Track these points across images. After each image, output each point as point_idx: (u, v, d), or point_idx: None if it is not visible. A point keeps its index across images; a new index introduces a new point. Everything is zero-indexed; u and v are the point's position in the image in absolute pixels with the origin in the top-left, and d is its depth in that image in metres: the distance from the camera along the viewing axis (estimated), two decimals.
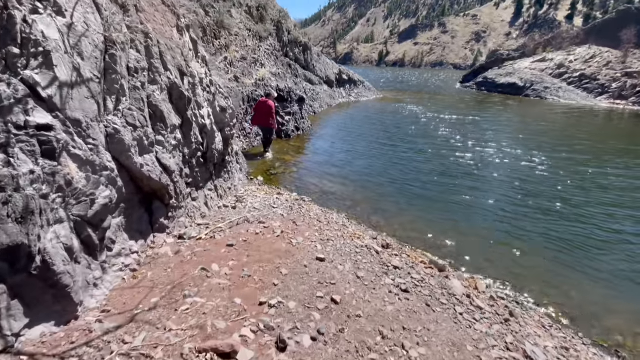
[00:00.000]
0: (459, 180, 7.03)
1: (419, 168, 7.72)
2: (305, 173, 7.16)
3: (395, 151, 9.03)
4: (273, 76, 11.51)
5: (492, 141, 10.84)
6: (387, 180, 6.91)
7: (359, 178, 6.94)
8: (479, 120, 14.73)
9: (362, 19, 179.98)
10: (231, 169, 5.50)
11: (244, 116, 9.12)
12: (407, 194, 6.23)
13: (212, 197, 4.58)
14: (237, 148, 7.00)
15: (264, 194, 5.50)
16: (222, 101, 4.72)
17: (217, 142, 4.56)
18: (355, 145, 9.74)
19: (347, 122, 13.38)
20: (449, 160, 8.35)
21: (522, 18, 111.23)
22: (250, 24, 12.37)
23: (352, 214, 5.34)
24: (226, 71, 9.31)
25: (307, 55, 17.92)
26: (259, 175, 6.68)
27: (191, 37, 4.24)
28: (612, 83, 24.54)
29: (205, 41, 8.91)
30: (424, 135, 11.16)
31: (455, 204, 5.91)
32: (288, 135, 10.30)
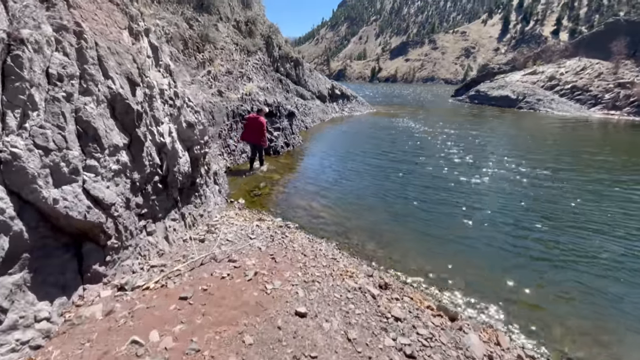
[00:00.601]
0: (461, 201, 6.37)
1: (416, 188, 7.07)
2: (293, 193, 6.47)
3: (391, 169, 8.40)
4: (261, 90, 11.01)
5: (492, 156, 10.31)
6: (381, 201, 6.24)
7: (352, 199, 6.26)
8: (477, 134, 14.30)
9: (355, 37, 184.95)
10: (204, 192, 4.79)
11: (228, 132, 8.50)
12: (404, 218, 5.54)
13: (176, 229, 3.85)
14: (216, 167, 6.33)
15: (243, 221, 4.77)
16: (189, 116, 4.08)
17: (183, 163, 3.88)
18: (348, 162, 9.11)
19: (339, 137, 12.85)
20: (447, 179, 7.72)
21: (509, 34, 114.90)
22: (238, 38, 11.99)
23: (344, 242, 4.62)
24: (209, 85, 8.76)
25: (298, 70, 17.63)
26: (241, 197, 5.98)
27: (151, 42, 3.63)
28: (605, 94, 24.61)
29: (186, 54, 8.40)
30: (420, 151, 10.59)
31: (458, 229, 5.22)
32: (277, 151, 9.68)
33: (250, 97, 9.87)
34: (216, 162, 7.04)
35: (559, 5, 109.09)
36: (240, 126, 9.08)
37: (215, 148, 7.80)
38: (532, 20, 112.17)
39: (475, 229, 5.18)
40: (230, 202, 5.78)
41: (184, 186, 4.20)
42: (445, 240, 4.80)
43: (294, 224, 4.93)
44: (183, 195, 4.22)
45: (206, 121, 5.39)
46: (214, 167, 6.20)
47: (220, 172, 6.74)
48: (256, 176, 7.45)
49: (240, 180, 7.11)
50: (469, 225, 5.30)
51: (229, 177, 7.35)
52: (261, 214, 5.31)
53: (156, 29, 7.69)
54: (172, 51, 7.70)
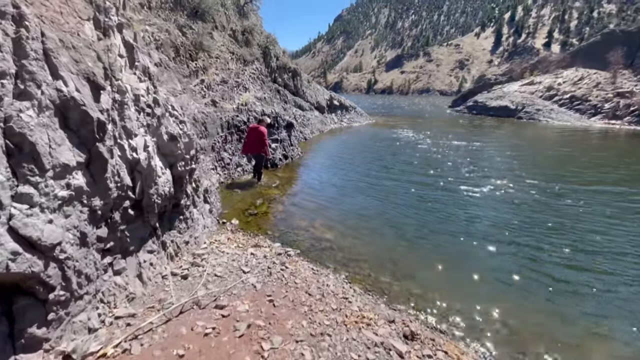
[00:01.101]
0: (477, 221, 5.74)
1: (425, 205, 6.44)
2: (293, 212, 5.81)
3: (396, 184, 7.76)
4: (258, 101, 10.48)
5: (502, 169, 9.77)
6: (389, 221, 5.59)
7: (357, 219, 5.61)
8: (482, 145, 13.82)
9: (350, 50, 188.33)
10: (191, 214, 4.13)
11: (222, 144, 7.89)
12: (417, 241, 4.89)
13: (154, 263, 3.17)
14: (207, 184, 5.68)
15: (235, 248, 4.09)
16: (172, 126, 3.46)
17: (163, 182, 3.23)
18: (350, 176, 8.50)
19: (340, 149, 12.29)
20: (459, 194, 7.10)
21: (502, 46, 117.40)
22: (234, 47, 11.56)
23: (354, 272, 3.94)
24: (202, 94, 8.21)
25: (296, 81, 17.26)
26: (234, 218, 5.31)
27: (125, 40, 3.05)
28: (605, 103, 24.50)
29: (178, 62, 7.87)
30: (425, 164, 10.01)
31: (480, 254, 4.57)
32: (275, 164, 9.07)
33: (246, 108, 9.33)
34: (208, 177, 6.40)
35: (550, 18, 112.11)
36: (236, 138, 8.50)
37: (208, 162, 7.18)
38: (523, 33, 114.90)
39: (501, 256, 4.53)
40: (223, 223, 5.11)
41: (165, 209, 3.54)
42: (468, 269, 4.14)
43: (294, 250, 4.25)
44: (164, 221, 3.56)
45: (194, 133, 4.78)
46: (205, 184, 5.56)
47: (212, 188, 6.09)
48: (252, 192, 6.80)
49: (236, 197, 6.45)
50: (491, 251, 4.65)
51: (224, 192, 6.71)
52: (257, 237, 4.63)
53: (145, 35, 7.19)
54: (161, 58, 7.17)
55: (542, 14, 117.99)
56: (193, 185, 4.43)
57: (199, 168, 5.43)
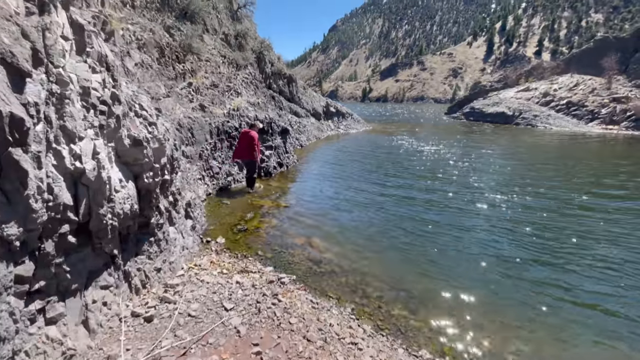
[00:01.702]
0: (494, 238, 5.13)
1: (431, 219, 5.81)
2: (287, 227, 5.14)
3: (397, 196, 7.06)
4: (251, 106, 9.89)
5: (509, 177, 9.24)
6: (395, 239, 4.95)
7: (359, 235, 4.95)
8: (484, 154, 13.34)
9: (345, 60, 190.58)
10: (166, 235, 3.45)
11: (211, 152, 7.24)
12: (428, 262, 4.24)
13: (109, 302, 2.48)
14: (191, 196, 5.01)
15: (219, 274, 3.41)
16: (137, 129, 2.81)
17: (122, 198, 2.57)
18: (349, 185, 7.87)
19: (337, 156, 11.70)
20: (465, 210, 6.44)
21: (494, 55, 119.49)
22: (226, 51, 11.03)
23: (361, 303, 3.26)
24: (190, 98, 7.59)
25: (292, 87, 16.79)
26: (220, 235, 4.62)
27: (73, 19, 2.42)
28: (601, 109, 24.40)
29: (162, 63, 7.27)
30: (426, 174, 9.36)
31: (503, 281, 3.94)
32: (269, 173, 8.42)
33: (238, 113, 8.72)
34: (193, 188, 5.73)
35: (540, 27, 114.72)
36: (227, 145, 7.86)
37: (194, 171, 6.51)
38: (515, 42, 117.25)
39: (528, 284, 3.90)
40: (207, 242, 4.42)
41: (129, 231, 2.86)
42: (492, 297, 3.50)
43: (289, 275, 3.57)
44: (128, 245, 2.87)
45: (174, 138, 4.14)
46: (188, 196, 4.89)
47: (197, 201, 5.41)
48: (243, 204, 6.13)
49: (224, 210, 5.77)
50: (517, 280, 4.02)
51: (212, 204, 6.03)
52: (246, 259, 3.94)
53: (125, 33, 6.60)
54: (143, 58, 6.56)
55: (532, 24, 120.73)
56: (170, 199, 3.76)
57: (180, 178, 4.77)
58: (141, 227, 3.10)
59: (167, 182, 3.39)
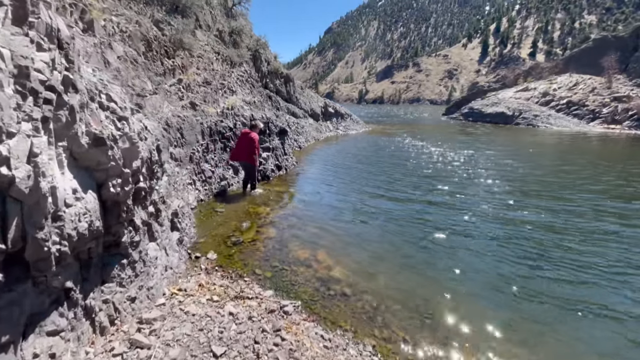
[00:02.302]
0: (517, 255, 4.58)
1: (445, 230, 5.27)
2: (289, 239, 4.54)
3: (405, 202, 6.42)
4: (246, 105, 9.30)
5: (527, 182, 8.73)
6: (410, 251, 4.39)
7: (370, 247, 4.37)
8: (489, 155, 12.85)
9: (341, 62, 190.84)
10: (144, 254, 2.84)
11: (202, 154, 6.63)
12: (452, 279, 3.68)
13: (59, 351, 1.86)
14: (179, 204, 4.41)
15: (208, 302, 2.80)
16: (101, 124, 2.21)
17: (76, 214, 1.96)
18: (352, 189, 7.30)
19: (338, 158, 11.12)
20: (484, 216, 5.89)
21: (489, 56, 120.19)
22: (220, 47, 10.44)
23: (383, 336, 2.67)
24: (180, 96, 6.97)
25: (289, 87, 16.24)
26: (212, 250, 4.01)
27: None
28: (603, 108, 24.16)
29: (149, 57, 6.65)
30: (432, 177, 8.65)
31: (534, 294, 3.39)
32: (267, 176, 7.82)
33: (233, 112, 8.12)
34: (182, 195, 5.12)
35: (534, 29, 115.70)
36: (221, 146, 7.27)
37: (184, 175, 5.90)
38: (509, 44, 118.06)
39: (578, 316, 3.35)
40: (196, 258, 3.81)
41: (92, 254, 2.25)
42: (536, 325, 2.94)
43: (293, 302, 2.97)
44: (91, 271, 2.26)
45: (156, 138, 3.54)
46: (175, 205, 4.28)
47: (186, 210, 4.80)
48: (239, 211, 5.52)
49: (217, 219, 5.15)
50: (558, 303, 3.47)
51: (204, 212, 5.41)
52: (241, 280, 3.34)
53: (107, 24, 5.99)
54: (127, 51, 5.95)
55: (526, 25, 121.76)
56: (150, 210, 3.15)
57: (166, 184, 4.16)
58: (109, 247, 2.49)
59: (143, 190, 2.78)
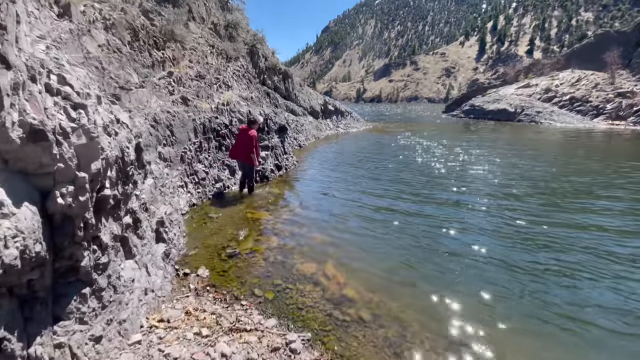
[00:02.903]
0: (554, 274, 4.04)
1: (466, 232, 4.73)
2: (292, 249, 3.97)
3: (419, 205, 5.80)
4: (243, 100, 8.71)
5: (546, 183, 8.22)
6: (428, 264, 3.85)
7: (382, 258, 3.82)
8: (503, 154, 12.34)
9: (339, 61, 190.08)
10: (113, 280, 2.26)
11: (195, 153, 6.05)
12: (486, 305, 3.12)
13: None
14: (165, 211, 3.83)
15: (195, 337, 2.23)
16: (42, 112, 1.63)
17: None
18: (359, 192, 6.74)
19: (340, 158, 10.56)
20: (505, 222, 5.35)
21: (487, 54, 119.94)
22: (215, 40, 9.84)
23: None
24: (170, 90, 6.38)
25: (287, 83, 15.67)
26: (203, 266, 3.43)
27: None
28: (606, 104, 23.74)
29: (136, 48, 6.05)
30: (442, 179, 7.93)
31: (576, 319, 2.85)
32: (266, 177, 7.25)
33: (228, 108, 7.54)
34: (170, 200, 4.54)
35: (531, 27, 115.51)
36: (215, 145, 6.69)
37: (174, 177, 5.32)
38: (506, 41, 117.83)
39: None
40: (184, 275, 3.24)
41: (34, 288, 1.68)
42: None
43: (301, 334, 2.41)
44: (35, 310, 1.69)
45: (133, 133, 2.96)
46: (162, 211, 3.72)
47: (175, 216, 4.22)
48: (235, 217, 4.94)
49: (211, 226, 4.58)
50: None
51: (196, 217, 4.82)
52: (237, 304, 2.76)
53: (87, 10, 5.39)
54: (110, 40, 5.35)
55: (523, 23, 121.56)
56: (126, 221, 2.58)
57: (151, 188, 3.58)
58: (65, 274, 1.92)
59: (113, 198, 2.21)
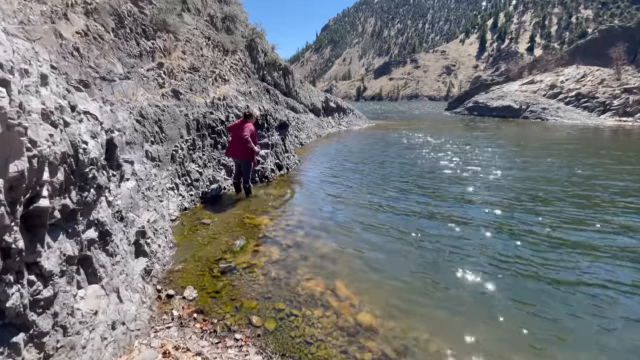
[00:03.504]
0: None
1: (492, 244, 4.19)
2: (295, 263, 3.42)
3: (436, 211, 5.20)
4: (241, 95, 8.15)
5: (577, 185, 7.67)
6: (452, 283, 3.31)
7: (399, 274, 3.28)
8: (516, 153, 11.80)
9: (339, 59, 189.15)
10: (61, 319, 1.71)
11: (188, 152, 5.49)
12: (534, 338, 2.59)
13: None
14: (148, 218, 3.30)
15: None
16: None
17: None
18: (367, 194, 6.19)
19: (345, 157, 10.00)
20: (537, 231, 4.85)
21: (487, 52, 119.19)
22: (211, 32, 9.27)
23: None
24: (159, 83, 5.82)
25: (288, 80, 15.09)
26: (191, 285, 2.88)
27: None
28: (613, 100, 23.20)
29: (122, 36, 5.48)
30: (460, 179, 7.40)
31: None
32: (266, 177, 6.71)
33: (225, 103, 6.97)
34: (156, 205, 3.98)
35: (531, 24, 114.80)
36: (211, 142, 6.14)
37: (164, 178, 4.76)
38: (507, 39, 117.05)
39: None
40: (167, 297, 2.69)
41: None
42: None
43: None
44: None
45: (104, 127, 2.41)
46: (143, 220, 3.19)
47: (160, 224, 3.66)
48: (230, 222, 4.39)
49: (203, 234, 4.02)
50: None
51: (187, 223, 4.27)
52: (231, 339, 2.21)
53: None
54: (90, 25, 4.78)
55: (523, 20, 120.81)
56: (87, 237, 2.04)
57: (131, 192, 3.03)
58: None
59: (58, 210, 1.65)
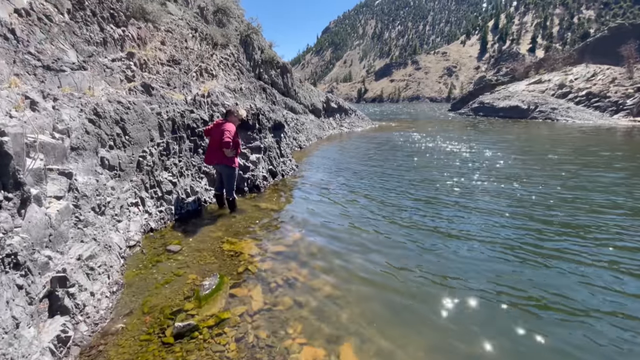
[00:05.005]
0: None
1: (529, 275, 3.21)
2: (285, 314, 2.45)
3: (454, 223, 4.42)
4: (229, 92, 7.20)
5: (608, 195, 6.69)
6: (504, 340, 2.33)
7: (432, 330, 2.34)
8: (533, 160, 10.84)
9: (339, 61, 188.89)
10: None
11: (159, 158, 4.54)
12: None
13: None
14: (82, 254, 2.38)
15: None
16: None
17: None
18: (377, 204, 5.23)
19: (347, 160, 9.04)
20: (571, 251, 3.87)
21: (488, 53, 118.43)
22: (199, 24, 8.36)
23: None
24: (127, 76, 4.87)
25: (286, 79, 14.17)
26: (157, 328, 1.91)
27: None
28: (626, 99, 22.20)
29: (81, 19, 4.56)
30: (479, 188, 6.57)
31: None
32: (256, 186, 5.73)
33: (209, 100, 6.03)
34: (103, 231, 3.02)
35: (532, 25, 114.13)
36: (189, 146, 5.19)
37: (124, 192, 3.81)
38: (508, 40, 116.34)
39: None
40: None
41: None
42: None
43: None
44: None
45: None
46: (70, 257, 2.31)
47: (100, 260, 2.69)
48: (204, 250, 3.42)
49: (166, 267, 3.06)
50: None
51: (148, 252, 3.29)
52: None
53: None
54: (35, 4, 3.86)
55: (524, 21, 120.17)
56: None
57: (46, 220, 2.07)
58: None
59: None
